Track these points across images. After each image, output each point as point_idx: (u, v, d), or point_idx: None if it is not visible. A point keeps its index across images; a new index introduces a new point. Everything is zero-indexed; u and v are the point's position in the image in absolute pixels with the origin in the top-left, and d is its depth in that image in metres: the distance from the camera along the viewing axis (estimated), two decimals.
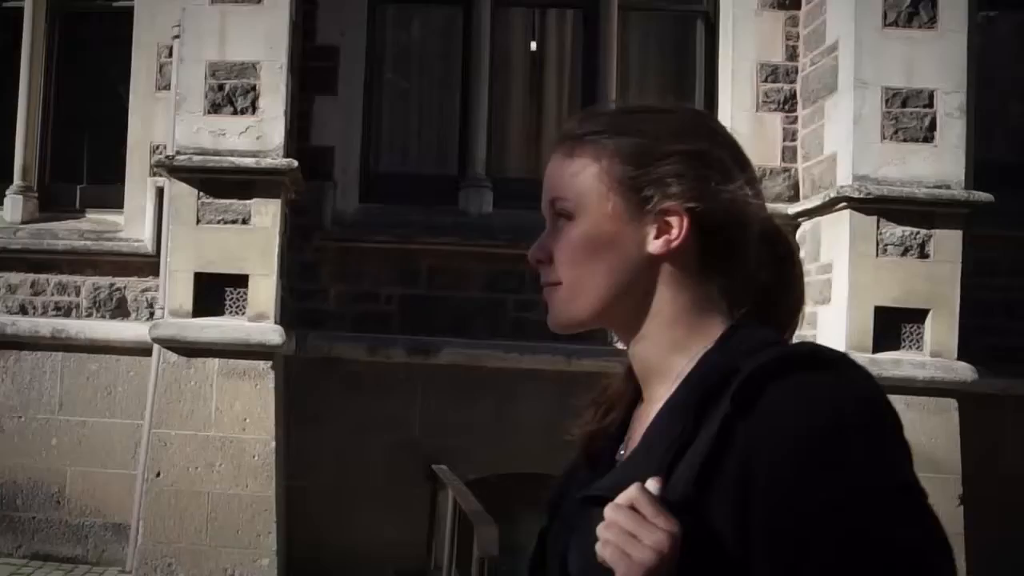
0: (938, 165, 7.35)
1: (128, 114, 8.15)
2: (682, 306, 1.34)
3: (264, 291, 7.39)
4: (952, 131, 7.37)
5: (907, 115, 7.36)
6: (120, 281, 8.02)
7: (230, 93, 7.43)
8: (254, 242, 7.39)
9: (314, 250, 7.92)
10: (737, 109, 8.08)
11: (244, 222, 7.39)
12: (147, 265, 7.99)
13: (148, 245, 7.97)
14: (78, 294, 7.99)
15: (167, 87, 8.01)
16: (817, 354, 1.24)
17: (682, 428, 1.24)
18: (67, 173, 8.47)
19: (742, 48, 8.11)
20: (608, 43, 8.27)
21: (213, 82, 7.44)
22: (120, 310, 8.04)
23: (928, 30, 7.41)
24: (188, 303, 7.37)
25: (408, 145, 8.67)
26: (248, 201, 7.39)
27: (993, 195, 7.15)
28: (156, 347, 7.75)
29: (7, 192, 8.29)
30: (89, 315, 8.02)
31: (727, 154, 1.38)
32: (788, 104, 8.07)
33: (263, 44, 7.46)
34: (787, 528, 1.15)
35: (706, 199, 1.33)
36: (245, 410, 7.34)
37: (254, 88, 7.44)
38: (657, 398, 1.36)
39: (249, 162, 7.34)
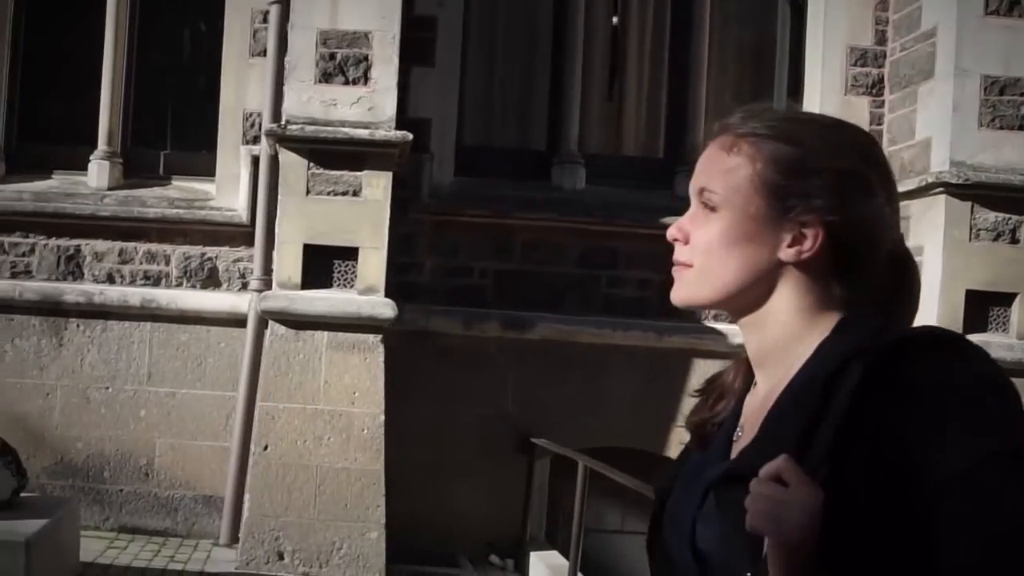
0: None
1: (219, 80, 7.83)
2: (800, 307, 1.40)
3: (374, 264, 7.23)
4: None
5: (1004, 103, 7.47)
6: (211, 251, 7.76)
7: (341, 63, 7.22)
8: (365, 214, 7.22)
9: (410, 223, 7.77)
10: (827, 92, 8.14)
11: (355, 194, 7.21)
12: (239, 235, 7.74)
13: (243, 215, 7.72)
14: (167, 263, 7.71)
15: (261, 53, 7.76)
16: (942, 335, 1.28)
17: (812, 406, 1.29)
18: (150, 139, 8.17)
19: (833, 31, 8.14)
20: (701, 22, 8.23)
21: (324, 51, 7.23)
22: (211, 280, 7.78)
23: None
24: (297, 275, 7.18)
25: (502, 119, 8.56)
26: (359, 173, 7.21)
27: None
28: (253, 319, 7.59)
29: (92, 157, 7.95)
30: (179, 285, 7.75)
31: (876, 175, 1.41)
32: (876, 88, 8.14)
33: (375, 13, 7.27)
34: (918, 498, 1.19)
35: (844, 216, 1.37)
36: (354, 383, 7.19)
37: (366, 58, 7.25)
38: (772, 384, 1.42)
39: (363, 133, 7.16)
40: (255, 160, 7.72)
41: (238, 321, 7.66)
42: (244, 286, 7.76)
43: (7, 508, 6.07)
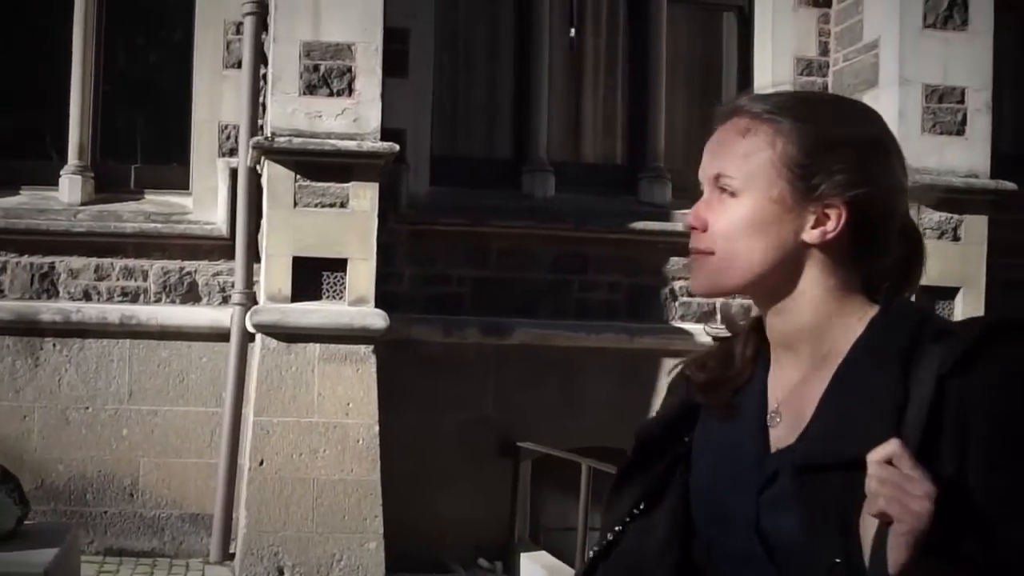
0: (968, 156, 7.79)
1: (191, 92, 7.54)
2: (827, 288, 1.38)
3: (364, 275, 7.09)
4: (979, 125, 7.84)
5: (943, 110, 7.76)
6: (190, 265, 7.46)
7: (325, 74, 7.06)
8: (353, 225, 7.07)
9: (389, 233, 7.61)
10: None
11: (342, 205, 7.05)
12: (218, 248, 7.47)
13: (222, 228, 7.45)
14: (145, 279, 7.38)
15: (235, 65, 7.51)
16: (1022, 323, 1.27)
17: (891, 388, 1.27)
18: (120, 152, 7.79)
19: (781, 42, 8.32)
20: (658, 32, 8.30)
21: (308, 62, 7.05)
22: (191, 295, 7.48)
23: (960, 32, 7.81)
24: (287, 288, 6.99)
25: (474, 129, 8.48)
26: (346, 184, 7.05)
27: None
28: (237, 333, 7.34)
29: (63, 172, 7.54)
30: (158, 300, 7.43)
31: (891, 141, 1.40)
32: None
33: (358, 25, 7.12)
34: (1002, 487, 1.20)
35: (867, 189, 1.35)
36: (348, 395, 7.03)
37: (350, 70, 7.09)
38: (808, 367, 1.39)
39: (350, 145, 7.01)
40: (233, 173, 7.47)
41: (220, 336, 7.39)
42: (225, 300, 7.49)
43: (13, 538, 5.71)
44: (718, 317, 8.10)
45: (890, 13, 7.84)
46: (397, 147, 7.14)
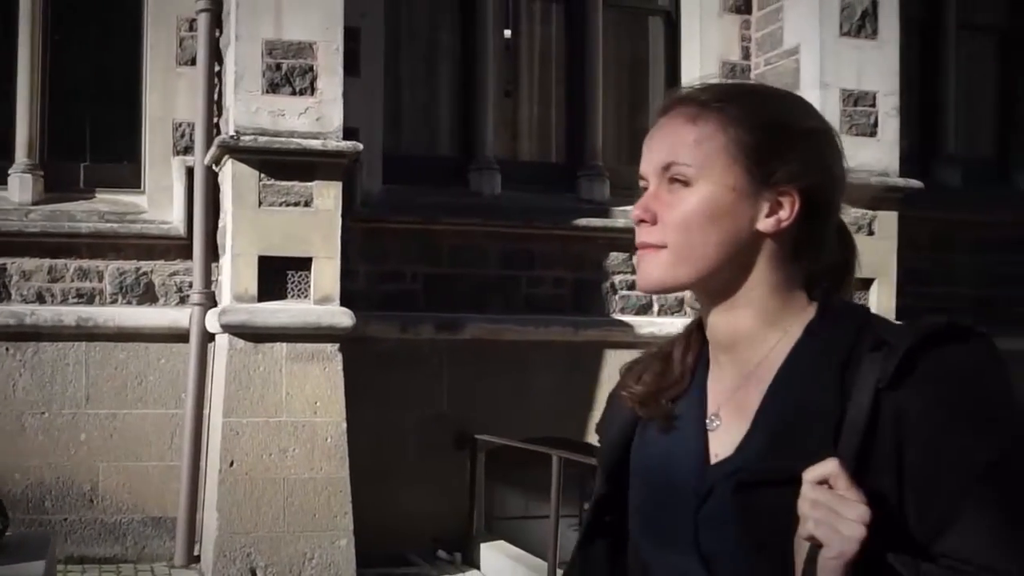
0: (881, 156, 8.09)
1: (142, 89, 7.18)
2: (776, 282, 1.31)
3: (329, 274, 6.91)
4: (889, 127, 8.15)
5: (858, 113, 8.04)
6: (146, 265, 7.12)
7: (288, 73, 6.84)
8: (317, 224, 6.88)
9: (344, 231, 7.39)
10: None
11: (306, 204, 6.85)
12: (175, 248, 7.16)
13: (179, 227, 7.13)
14: (101, 280, 7.01)
15: (189, 62, 7.20)
16: (962, 328, 1.20)
17: (830, 402, 1.21)
18: (68, 151, 7.33)
19: (707, 46, 8.46)
20: (594, 36, 8.34)
21: (271, 61, 6.81)
22: (148, 295, 7.14)
23: (871, 40, 8.09)
24: (253, 287, 6.75)
25: (423, 127, 8.34)
26: (310, 183, 6.86)
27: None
28: (197, 333, 7.07)
29: (11, 171, 7.07)
30: (114, 301, 7.06)
31: (837, 139, 1.35)
32: None
33: (319, 24, 6.92)
34: (943, 488, 1.15)
35: (820, 178, 1.30)
36: (315, 393, 6.85)
37: (312, 68, 6.89)
38: (746, 370, 1.32)
39: (315, 144, 6.81)
40: (189, 171, 7.16)
41: (178, 336, 7.08)
42: (182, 300, 7.18)
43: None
44: (655, 309, 8.23)
45: (810, 21, 8.06)
46: (361, 146, 7.00)
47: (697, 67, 8.46)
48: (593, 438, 5.82)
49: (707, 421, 1.33)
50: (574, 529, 8.27)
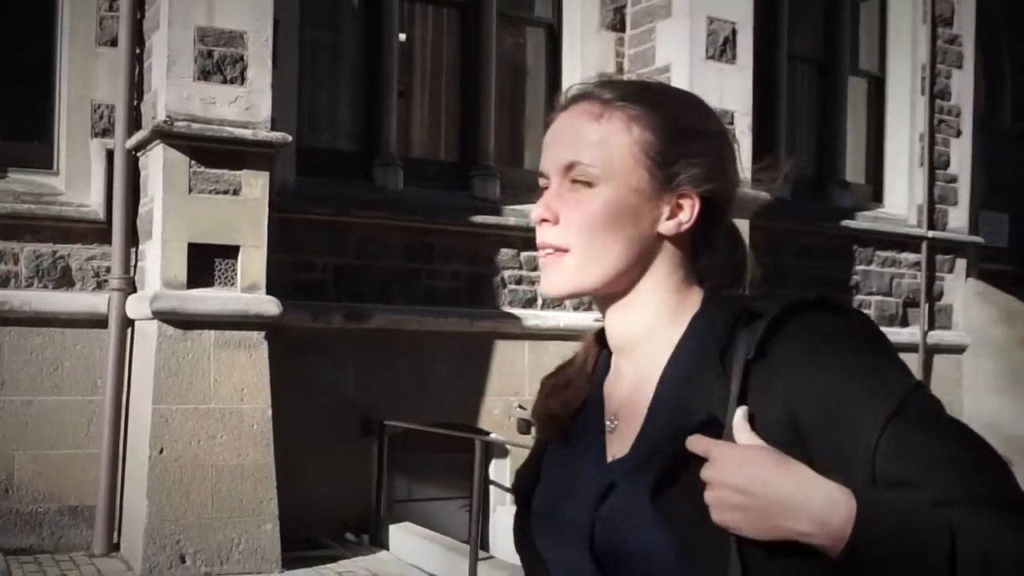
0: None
1: (55, 68, 6.68)
2: (673, 283, 1.24)
3: (256, 262, 6.69)
4: (744, 144, 8.52)
5: None
6: (63, 248, 6.61)
7: (219, 61, 6.57)
8: (245, 213, 6.65)
9: None
10: None
11: (235, 193, 6.61)
12: (92, 232, 6.69)
13: (98, 211, 6.67)
14: (16, 262, 6.46)
15: (109, 43, 6.74)
16: (826, 297, 1.15)
17: (714, 387, 1.14)
18: None
19: (587, 59, 8.65)
20: (487, 42, 8.38)
21: (203, 48, 6.52)
22: (64, 279, 6.63)
23: (731, 64, 8.55)
24: (183, 274, 6.45)
25: (333, 122, 8.11)
26: (239, 172, 6.62)
27: None
28: (116, 319, 6.66)
29: None
30: (30, 285, 6.53)
31: (735, 143, 1.29)
32: None
33: (250, 14, 6.69)
34: (851, 446, 1.06)
35: (719, 182, 1.23)
36: (242, 380, 6.62)
37: (242, 58, 6.65)
38: (642, 369, 1.25)
39: (246, 133, 6.58)
40: (110, 154, 6.72)
41: (95, 322, 6.64)
42: (99, 285, 6.72)
43: None
44: (539, 303, 8.36)
45: (680, 44, 8.41)
46: (290, 138, 6.80)
47: (578, 78, 8.57)
48: (484, 423, 5.97)
49: (607, 425, 1.27)
50: (463, 509, 8.33)
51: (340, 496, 7.44)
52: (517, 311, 8.20)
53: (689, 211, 1.22)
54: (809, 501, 1.03)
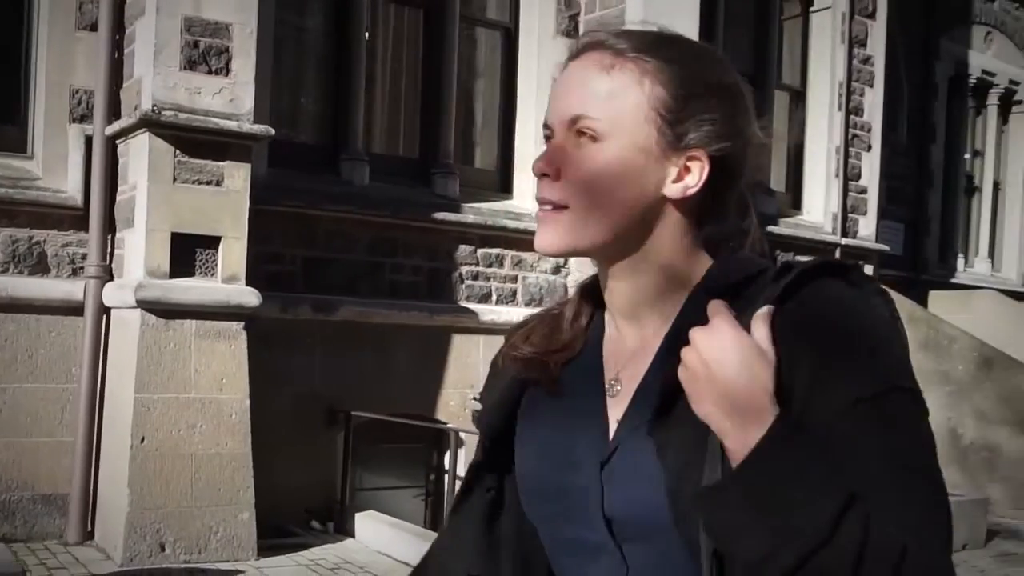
0: None
1: (30, 50, 6.40)
2: (679, 248, 1.15)
3: (236, 253, 6.56)
4: None
5: None
6: (39, 234, 6.33)
7: (205, 51, 6.40)
8: (227, 204, 6.51)
9: None
10: (540, 114, 8.58)
11: (218, 184, 6.46)
12: (69, 218, 6.43)
13: (76, 197, 6.41)
14: None
15: (89, 27, 6.49)
16: (840, 265, 1.08)
17: None
18: None
19: (543, 64, 8.68)
20: (451, 44, 8.35)
21: (189, 38, 6.34)
22: (40, 266, 6.35)
23: None
24: (166, 264, 6.27)
25: (303, 115, 7.94)
26: (222, 163, 6.47)
27: None
28: (93, 307, 6.44)
29: None
30: (5, 270, 6.23)
31: (750, 98, 1.18)
32: None
33: (236, 6, 6.54)
34: (817, 418, 1.00)
35: (730, 144, 1.13)
36: (222, 370, 6.48)
37: (227, 49, 6.49)
38: (648, 332, 1.17)
39: (231, 125, 6.43)
40: (89, 140, 6.46)
41: (70, 309, 6.39)
42: (74, 272, 6.46)
43: None
44: (494, 299, 8.38)
45: None
46: (273, 131, 6.65)
47: (534, 81, 8.68)
48: (441, 414, 6.06)
49: (607, 387, 1.18)
50: (418, 498, 8.30)
51: (305, 485, 7.35)
52: (473, 306, 8.20)
53: (697, 174, 1.11)
54: (744, 400, 0.99)
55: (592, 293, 1.24)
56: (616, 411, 1.16)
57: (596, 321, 1.23)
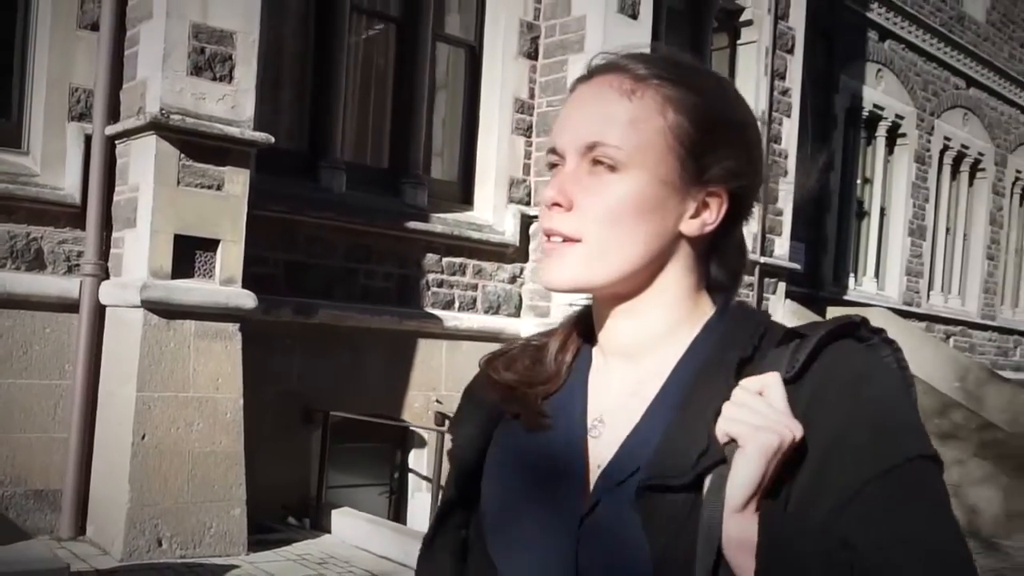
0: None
1: (29, 46, 6.19)
2: (687, 287, 1.05)
3: (234, 256, 6.49)
4: None
5: None
6: (37, 231, 6.11)
7: (210, 58, 6.33)
8: (226, 209, 6.43)
9: None
10: (502, 130, 8.79)
11: (218, 188, 6.38)
12: (66, 215, 6.22)
13: (74, 195, 6.22)
14: None
15: (90, 27, 6.32)
16: (868, 328, 0.98)
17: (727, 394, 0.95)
18: None
19: (505, 83, 8.81)
20: (423, 60, 8.39)
21: (196, 44, 6.26)
22: (37, 262, 6.13)
23: None
24: (168, 265, 6.17)
25: (286, 122, 7.83)
26: (223, 168, 6.40)
27: None
28: (89, 305, 6.29)
29: None
30: (2, 266, 5.99)
31: (762, 134, 1.13)
32: (528, 131, 8.98)
33: (241, 15, 6.47)
34: (838, 488, 0.90)
35: (748, 180, 1.05)
36: (218, 370, 6.40)
37: (231, 57, 6.43)
38: (644, 376, 1.05)
39: (234, 131, 6.37)
40: (88, 139, 6.28)
41: (65, 306, 6.19)
42: (70, 269, 6.26)
43: None
44: (456, 305, 8.45)
45: None
46: (272, 139, 6.59)
47: (496, 98, 8.79)
48: (407, 415, 6.26)
49: (590, 427, 1.06)
50: (383, 495, 8.30)
51: (282, 482, 7.29)
52: (438, 312, 8.26)
53: (716, 210, 1.03)
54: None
55: (580, 326, 1.13)
56: (598, 456, 1.03)
57: (582, 354, 1.12)
